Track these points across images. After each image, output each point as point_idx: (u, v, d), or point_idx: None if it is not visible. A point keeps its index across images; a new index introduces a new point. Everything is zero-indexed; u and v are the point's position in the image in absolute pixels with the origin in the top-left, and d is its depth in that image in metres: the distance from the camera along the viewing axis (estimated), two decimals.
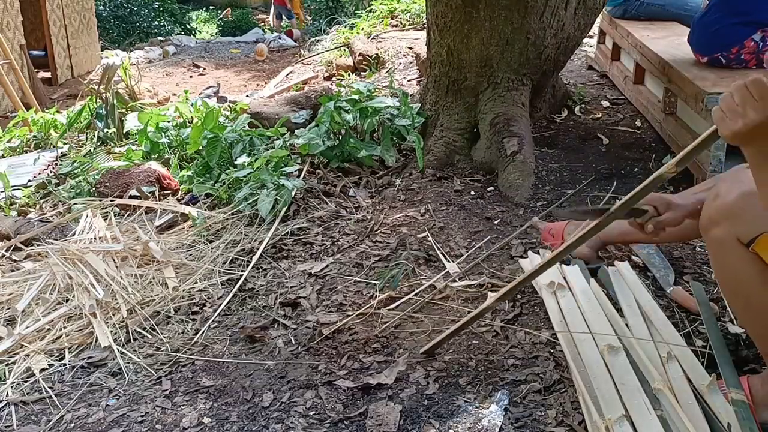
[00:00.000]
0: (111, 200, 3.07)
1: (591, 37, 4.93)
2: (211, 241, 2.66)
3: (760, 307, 1.40)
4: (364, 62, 5.96)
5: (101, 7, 13.61)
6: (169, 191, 3.19)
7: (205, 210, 2.91)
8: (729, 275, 1.44)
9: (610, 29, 4.28)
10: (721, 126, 1.23)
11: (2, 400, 1.84)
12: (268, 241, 2.57)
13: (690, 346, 1.72)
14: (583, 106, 3.86)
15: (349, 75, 5.81)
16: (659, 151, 3.18)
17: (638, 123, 3.57)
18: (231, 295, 2.27)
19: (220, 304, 2.22)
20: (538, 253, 2.28)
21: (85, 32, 11.01)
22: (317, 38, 9.84)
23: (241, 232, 2.67)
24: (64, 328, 2.14)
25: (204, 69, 11.00)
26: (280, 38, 13.15)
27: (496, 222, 2.61)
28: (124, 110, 4.48)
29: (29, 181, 3.78)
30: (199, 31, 17.60)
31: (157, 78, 9.97)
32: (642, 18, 4.14)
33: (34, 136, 4.59)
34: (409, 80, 5.00)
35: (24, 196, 3.49)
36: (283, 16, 14.82)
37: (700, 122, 2.88)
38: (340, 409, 1.69)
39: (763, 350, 1.51)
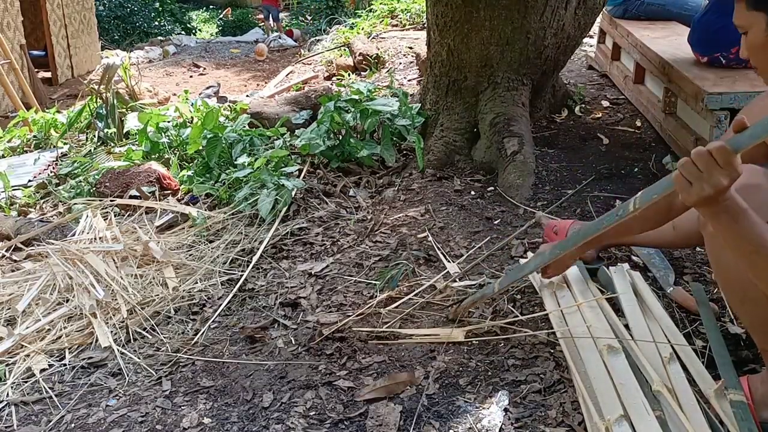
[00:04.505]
0: (111, 200, 3.07)
1: (591, 36, 4.93)
2: (211, 242, 2.66)
3: (756, 300, 1.41)
4: (364, 62, 5.96)
5: (101, 8, 13.62)
6: (169, 191, 3.19)
7: (205, 210, 2.91)
8: (726, 269, 1.45)
9: (610, 29, 4.28)
10: (686, 193, 1.25)
11: (2, 401, 1.84)
12: (268, 242, 2.57)
13: (690, 345, 1.72)
14: (583, 105, 3.86)
15: (349, 75, 5.81)
16: (659, 150, 3.18)
17: (638, 123, 3.57)
18: (231, 295, 2.27)
19: (221, 305, 2.22)
20: None
21: (85, 32, 11.02)
22: (317, 38, 9.84)
23: (241, 232, 2.67)
24: (65, 328, 2.14)
25: (204, 69, 11.01)
26: (280, 38, 13.16)
27: (496, 222, 2.61)
28: (124, 110, 4.48)
29: (29, 181, 3.78)
30: (200, 31, 17.62)
31: (157, 78, 9.97)
32: (642, 18, 4.14)
33: (35, 136, 4.60)
34: (409, 80, 5.00)
35: (24, 196, 3.49)
36: (271, 16, 14.79)
37: (700, 122, 2.88)
38: (340, 409, 1.69)
39: (761, 345, 1.51)
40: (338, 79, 5.62)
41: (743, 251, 1.28)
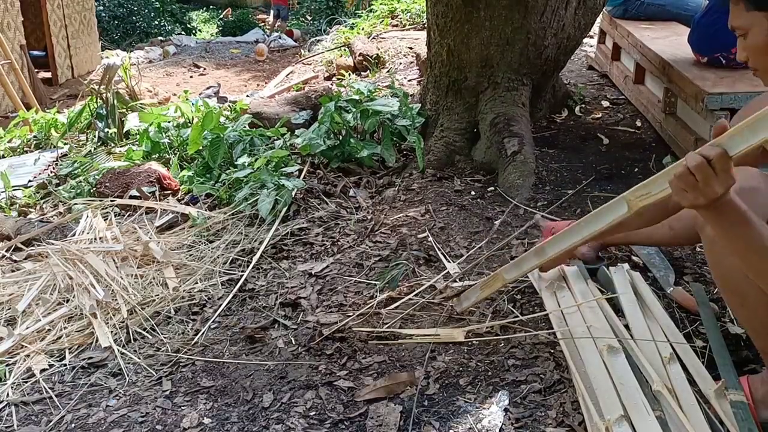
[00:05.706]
0: (111, 200, 3.07)
1: (591, 37, 4.93)
2: (211, 242, 2.66)
3: (756, 303, 1.41)
4: (364, 62, 5.96)
5: (101, 8, 13.62)
6: (169, 191, 3.19)
7: (206, 210, 2.91)
8: (725, 272, 1.45)
9: (611, 29, 4.28)
10: (682, 199, 1.26)
11: (3, 401, 1.84)
12: (269, 242, 2.57)
13: (690, 345, 1.72)
14: (583, 106, 3.86)
15: (349, 75, 5.81)
16: (659, 151, 3.18)
17: (638, 123, 3.57)
18: (231, 295, 2.27)
19: (221, 305, 2.22)
20: None
21: (86, 32, 11.02)
22: (317, 38, 9.84)
23: (242, 233, 2.67)
24: (65, 328, 2.14)
25: (204, 69, 11.01)
26: (280, 38, 13.16)
27: (496, 222, 2.61)
28: (124, 110, 4.48)
29: (30, 181, 3.78)
30: (200, 31, 17.61)
31: (158, 78, 9.97)
32: (642, 18, 4.14)
33: (35, 136, 4.60)
34: (409, 80, 5.00)
35: (24, 196, 3.50)
36: (281, 16, 14.79)
37: (700, 122, 2.88)
38: (340, 409, 1.69)
39: (761, 347, 1.51)
40: (338, 80, 5.62)
41: (742, 252, 1.27)
